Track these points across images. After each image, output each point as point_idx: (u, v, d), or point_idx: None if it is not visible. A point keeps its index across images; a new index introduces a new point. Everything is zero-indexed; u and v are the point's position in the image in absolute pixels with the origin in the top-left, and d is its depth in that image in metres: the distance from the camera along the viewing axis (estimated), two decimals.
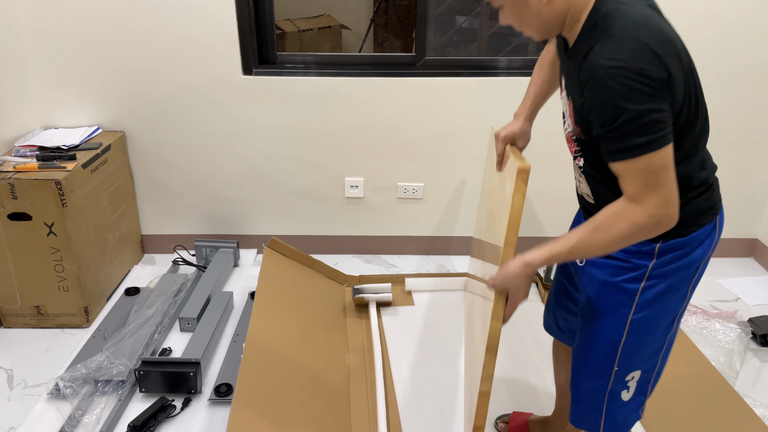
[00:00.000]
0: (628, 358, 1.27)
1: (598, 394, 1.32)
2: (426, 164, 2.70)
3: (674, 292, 1.22)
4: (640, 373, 1.29)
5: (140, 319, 2.24)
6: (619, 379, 1.30)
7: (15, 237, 2.17)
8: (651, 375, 1.31)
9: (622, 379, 1.29)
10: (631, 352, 1.27)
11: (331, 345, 2.09)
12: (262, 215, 2.82)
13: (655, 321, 1.24)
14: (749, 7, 2.43)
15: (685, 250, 1.19)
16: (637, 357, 1.27)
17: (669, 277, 1.20)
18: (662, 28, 1.04)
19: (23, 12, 2.40)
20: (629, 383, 1.30)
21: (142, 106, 2.58)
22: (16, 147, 2.36)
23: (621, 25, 1.03)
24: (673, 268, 1.20)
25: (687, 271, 1.21)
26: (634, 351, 1.26)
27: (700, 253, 1.20)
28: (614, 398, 1.31)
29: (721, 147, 2.67)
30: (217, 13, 2.42)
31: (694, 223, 1.18)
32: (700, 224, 1.18)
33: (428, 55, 2.59)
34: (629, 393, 1.31)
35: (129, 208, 2.69)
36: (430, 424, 1.84)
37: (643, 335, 1.25)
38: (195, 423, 1.85)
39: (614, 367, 1.28)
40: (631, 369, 1.29)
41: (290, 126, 2.62)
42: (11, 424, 1.87)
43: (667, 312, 1.24)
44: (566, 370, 1.60)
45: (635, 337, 1.25)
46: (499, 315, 1.25)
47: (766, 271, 2.79)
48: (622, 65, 0.99)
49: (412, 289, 2.49)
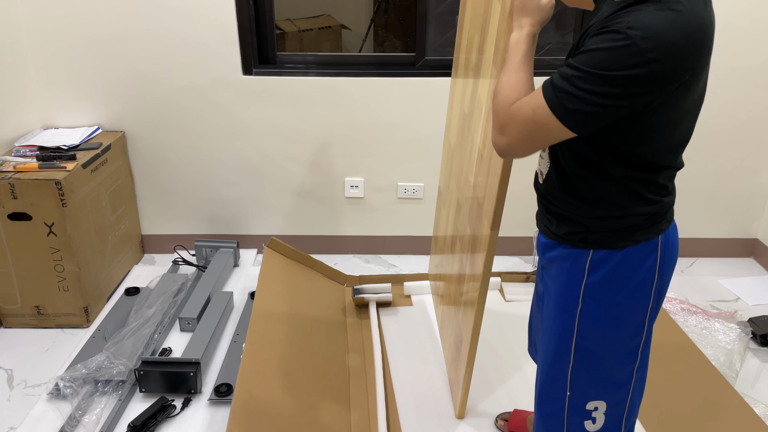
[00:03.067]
0: (579, 385, 1.22)
1: (556, 418, 1.27)
2: (426, 164, 2.70)
3: (618, 313, 1.15)
4: (606, 406, 1.23)
5: (140, 319, 2.24)
6: (575, 405, 1.24)
7: (15, 237, 2.17)
8: (622, 410, 1.24)
9: (580, 407, 1.24)
10: (581, 378, 1.21)
11: (331, 345, 2.09)
12: (262, 215, 2.82)
13: (602, 348, 1.18)
14: (749, 8, 2.43)
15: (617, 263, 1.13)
16: (592, 385, 1.22)
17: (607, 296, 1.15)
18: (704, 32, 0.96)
19: (23, 12, 2.40)
20: (594, 414, 1.23)
21: (142, 106, 2.58)
22: (16, 147, 2.36)
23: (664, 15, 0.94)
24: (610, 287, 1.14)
25: (629, 291, 1.14)
26: (586, 378, 1.21)
27: (640, 277, 1.13)
28: (576, 426, 1.26)
29: (721, 147, 2.67)
30: (217, 13, 2.42)
31: (627, 237, 1.13)
32: (634, 240, 1.13)
33: (428, 55, 2.59)
34: (596, 425, 1.24)
35: (129, 208, 2.69)
36: (430, 424, 1.84)
37: (591, 362, 1.20)
38: (195, 423, 1.85)
39: (566, 391, 1.23)
40: (588, 398, 1.23)
41: (290, 126, 2.62)
42: (11, 424, 1.87)
43: (615, 341, 1.17)
44: None
45: (582, 363, 1.20)
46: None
47: (766, 271, 2.79)
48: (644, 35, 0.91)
49: (412, 293, 2.49)
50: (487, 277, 1.53)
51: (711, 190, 2.77)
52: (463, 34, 1.93)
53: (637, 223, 1.12)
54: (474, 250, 1.65)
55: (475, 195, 1.67)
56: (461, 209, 1.85)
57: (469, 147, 1.78)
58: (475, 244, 1.64)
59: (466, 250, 1.76)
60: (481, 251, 1.56)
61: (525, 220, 2.83)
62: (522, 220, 2.83)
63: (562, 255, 1.19)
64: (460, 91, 1.95)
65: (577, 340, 1.19)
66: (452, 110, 2.07)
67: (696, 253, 2.90)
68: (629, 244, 1.12)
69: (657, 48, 0.91)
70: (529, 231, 2.85)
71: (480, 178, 1.60)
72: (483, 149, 1.60)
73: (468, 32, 1.85)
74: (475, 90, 1.73)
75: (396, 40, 4.21)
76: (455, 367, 1.88)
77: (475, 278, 1.61)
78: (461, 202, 1.86)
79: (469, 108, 1.81)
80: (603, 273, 1.14)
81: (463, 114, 1.88)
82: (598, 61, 0.94)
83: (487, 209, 1.51)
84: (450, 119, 2.10)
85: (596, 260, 1.14)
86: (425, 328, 2.29)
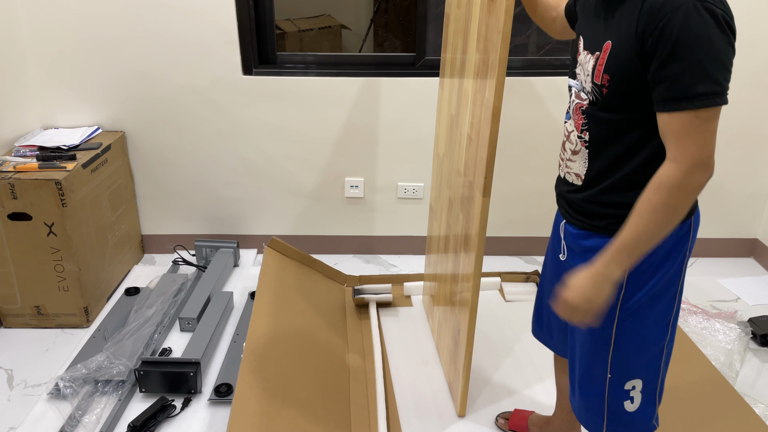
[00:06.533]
0: (619, 366, 1.25)
1: (598, 400, 1.30)
2: (426, 164, 2.70)
3: (659, 290, 1.20)
4: (642, 384, 1.27)
5: (140, 319, 2.24)
6: (615, 387, 1.27)
7: (15, 237, 2.17)
8: (655, 386, 1.28)
9: (620, 388, 1.27)
10: (621, 360, 1.24)
11: (331, 345, 2.09)
12: (262, 215, 2.82)
13: (643, 327, 1.22)
14: (749, 8, 2.43)
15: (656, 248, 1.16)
16: (632, 365, 1.25)
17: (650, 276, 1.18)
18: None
19: (23, 12, 2.40)
20: (632, 393, 1.27)
21: (142, 106, 2.58)
22: (16, 147, 2.36)
23: None
24: (653, 268, 1.18)
25: (668, 270, 1.19)
26: (625, 358, 1.24)
27: (676, 255, 1.18)
28: (616, 408, 1.29)
29: (721, 147, 2.67)
30: (217, 13, 2.42)
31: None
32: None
33: (428, 55, 2.59)
34: (634, 404, 1.28)
35: (129, 208, 2.69)
36: (430, 423, 1.84)
37: (630, 342, 1.23)
38: (195, 423, 1.85)
39: (607, 374, 1.26)
40: (627, 377, 1.26)
41: (290, 126, 2.62)
42: (11, 424, 1.87)
43: (654, 317, 1.22)
44: (565, 374, 1.60)
45: (622, 344, 1.23)
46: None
47: (766, 271, 2.79)
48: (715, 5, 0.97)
49: (411, 293, 2.49)
50: (481, 246, 1.58)
51: (711, 190, 2.77)
52: (448, 42, 1.99)
53: None
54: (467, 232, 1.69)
55: (465, 178, 1.70)
56: (453, 205, 1.87)
57: (458, 143, 1.82)
58: (468, 221, 1.67)
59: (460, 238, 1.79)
60: (473, 223, 1.60)
61: (525, 220, 2.83)
62: (522, 220, 2.83)
63: (601, 244, 1.21)
64: (447, 96, 1.98)
65: (618, 324, 1.22)
66: (440, 121, 2.11)
67: (696, 253, 2.90)
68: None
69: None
70: (528, 231, 2.85)
71: (470, 158, 1.65)
72: (471, 131, 1.64)
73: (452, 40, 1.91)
74: (461, 85, 1.77)
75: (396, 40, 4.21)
76: (454, 364, 1.88)
77: (469, 256, 1.65)
78: (452, 198, 1.88)
79: (456, 108, 1.84)
80: (646, 256, 1.16)
81: (451, 117, 1.90)
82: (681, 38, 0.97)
83: (477, 180, 1.56)
84: (438, 132, 2.13)
85: None
86: (425, 328, 2.29)
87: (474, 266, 1.62)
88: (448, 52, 1.97)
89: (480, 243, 1.58)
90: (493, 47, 1.45)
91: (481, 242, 1.58)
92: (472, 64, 1.64)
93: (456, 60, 1.85)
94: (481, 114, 1.55)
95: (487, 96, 1.49)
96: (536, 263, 2.85)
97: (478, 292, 1.66)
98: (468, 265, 1.68)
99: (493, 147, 1.46)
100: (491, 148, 1.47)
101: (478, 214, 1.57)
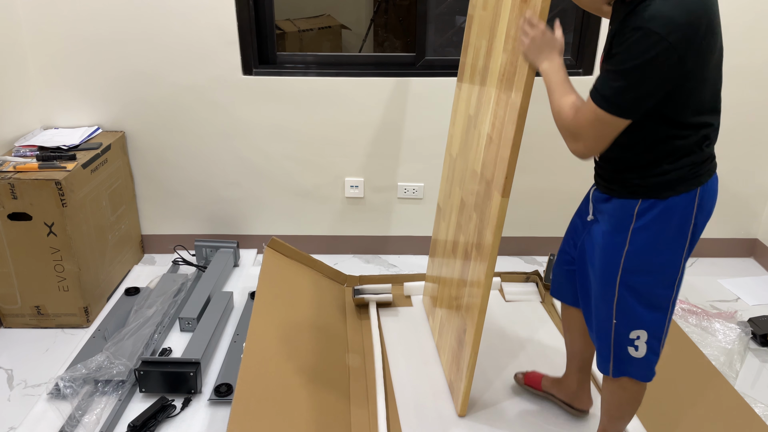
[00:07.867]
0: (624, 313, 1.41)
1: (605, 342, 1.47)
2: (426, 164, 2.70)
3: (660, 251, 1.35)
4: (647, 335, 1.41)
5: (140, 319, 2.24)
6: (620, 332, 1.43)
7: (15, 237, 2.17)
8: (659, 340, 1.43)
9: (625, 334, 1.43)
10: (625, 308, 1.41)
11: (331, 345, 2.09)
12: (262, 215, 2.82)
13: (645, 280, 1.38)
14: (749, 8, 2.43)
15: (661, 210, 1.33)
16: (637, 317, 1.40)
17: (651, 236, 1.35)
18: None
19: (23, 12, 2.40)
20: (636, 342, 1.43)
21: (142, 106, 2.58)
22: (16, 147, 2.36)
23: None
24: (655, 229, 1.34)
25: (670, 233, 1.34)
26: (631, 310, 1.40)
27: (680, 217, 1.34)
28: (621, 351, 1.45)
29: (721, 147, 2.67)
30: (217, 14, 2.42)
31: (671, 188, 1.32)
32: (677, 191, 1.32)
33: (428, 55, 2.59)
34: (638, 352, 1.44)
35: (129, 208, 2.69)
36: (430, 423, 1.84)
37: (636, 296, 1.39)
38: (195, 423, 1.85)
39: (612, 319, 1.43)
40: (632, 327, 1.41)
41: (290, 126, 2.62)
42: (11, 424, 1.87)
43: (657, 271, 1.37)
44: (573, 333, 1.75)
45: (626, 294, 1.40)
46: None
47: (766, 271, 2.79)
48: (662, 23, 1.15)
49: (412, 294, 2.49)
50: (496, 245, 1.61)
51: None
52: (470, 43, 1.99)
53: (681, 176, 1.31)
54: (481, 232, 1.69)
55: (483, 177, 1.72)
56: (465, 205, 1.87)
57: (475, 143, 1.82)
58: (483, 221, 1.68)
59: (471, 238, 1.79)
60: (489, 222, 1.62)
61: (525, 220, 2.83)
62: (522, 220, 2.83)
63: (615, 205, 1.40)
64: (465, 96, 1.98)
65: (622, 275, 1.39)
66: (455, 122, 2.10)
67: (696, 253, 2.90)
68: (672, 195, 1.33)
69: (667, 25, 1.14)
70: (529, 231, 2.85)
71: (488, 158, 1.67)
72: (492, 132, 1.66)
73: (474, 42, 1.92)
74: (483, 85, 1.78)
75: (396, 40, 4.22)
76: (456, 364, 1.88)
77: (482, 258, 1.66)
78: (465, 199, 1.88)
79: (475, 108, 1.85)
80: (649, 218, 1.35)
81: (469, 117, 1.90)
82: (628, 57, 1.18)
83: (497, 180, 1.59)
84: (452, 133, 2.13)
85: (643, 208, 1.35)
86: (425, 328, 2.29)
87: (488, 264, 1.62)
88: (470, 53, 1.97)
89: (495, 242, 1.60)
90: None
91: (496, 241, 1.60)
92: (498, 65, 1.66)
93: (479, 61, 1.85)
94: (504, 114, 1.57)
95: (513, 97, 1.51)
96: (536, 263, 2.85)
97: (489, 287, 1.66)
98: (480, 264, 1.67)
99: (517, 147, 1.51)
100: (515, 148, 1.51)
101: (496, 214, 1.58)
